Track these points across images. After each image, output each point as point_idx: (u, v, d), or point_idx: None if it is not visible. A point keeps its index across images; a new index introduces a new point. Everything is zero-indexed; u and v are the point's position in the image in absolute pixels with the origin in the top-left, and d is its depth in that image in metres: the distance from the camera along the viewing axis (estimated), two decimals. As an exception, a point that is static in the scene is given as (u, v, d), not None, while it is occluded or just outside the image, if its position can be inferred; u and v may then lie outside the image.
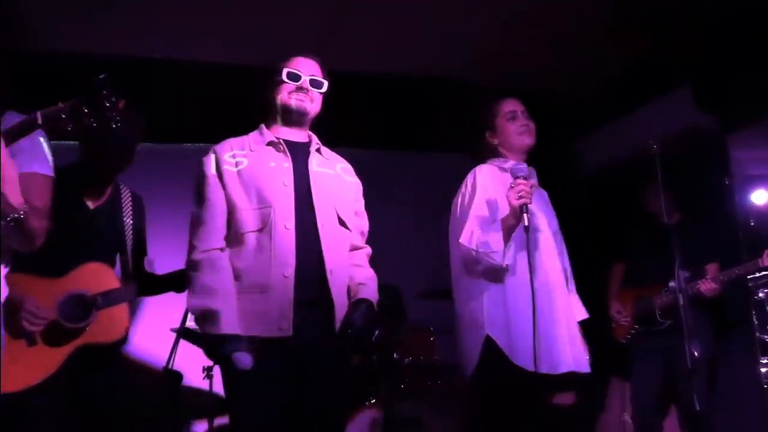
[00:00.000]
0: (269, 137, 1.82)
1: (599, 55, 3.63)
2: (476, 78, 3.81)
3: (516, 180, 1.88)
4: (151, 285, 2.16)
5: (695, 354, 2.18)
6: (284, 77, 1.81)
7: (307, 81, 1.82)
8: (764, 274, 2.92)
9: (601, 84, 3.95)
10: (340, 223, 1.79)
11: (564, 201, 2.36)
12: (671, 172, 2.35)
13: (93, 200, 2.10)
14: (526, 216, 1.82)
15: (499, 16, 3.30)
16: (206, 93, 3.44)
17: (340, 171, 1.89)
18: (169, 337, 2.57)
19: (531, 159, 2.21)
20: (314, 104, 1.85)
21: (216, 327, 1.60)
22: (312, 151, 1.84)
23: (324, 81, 1.85)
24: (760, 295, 3.02)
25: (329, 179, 1.83)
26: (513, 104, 2.19)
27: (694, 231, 2.98)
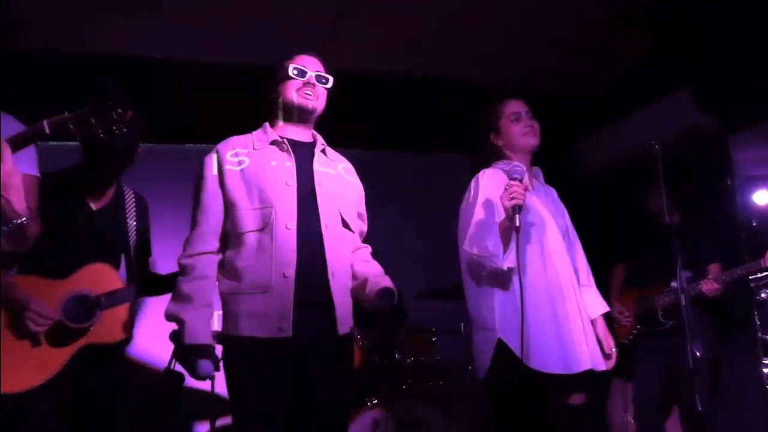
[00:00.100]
0: (273, 136, 1.81)
1: (599, 56, 3.64)
2: (477, 78, 3.81)
3: (510, 182, 1.88)
4: (156, 285, 2.16)
5: (697, 354, 2.17)
6: (290, 73, 1.80)
7: (313, 77, 1.82)
8: (766, 275, 2.92)
9: (602, 84, 3.95)
10: (344, 225, 1.79)
11: (565, 201, 2.35)
12: (673, 173, 2.35)
13: (96, 201, 2.11)
14: (518, 217, 1.81)
15: (499, 16, 3.30)
16: (206, 93, 3.44)
17: (342, 171, 1.88)
18: (171, 338, 2.57)
19: (533, 159, 2.21)
20: (320, 100, 1.85)
21: (182, 336, 1.64)
22: (317, 152, 1.83)
23: (329, 77, 1.85)
24: (762, 296, 3.02)
25: (332, 179, 1.82)
26: (516, 105, 2.18)
27: (696, 231, 2.98)
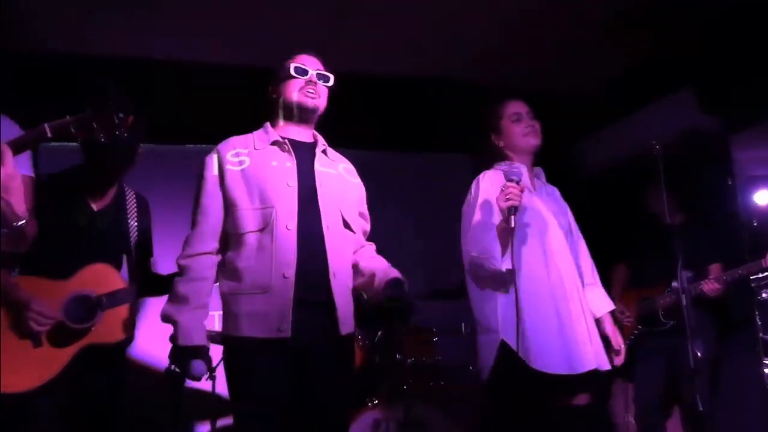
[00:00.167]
0: (274, 136, 1.80)
1: (599, 56, 3.63)
2: (477, 78, 3.81)
3: (507, 183, 1.88)
4: (157, 286, 2.16)
5: (698, 354, 2.17)
6: (292, 72, 1.79)
7: (315, 75, 1.81)
8: (767, 275, 2.91)
9: (602, 84, 3.95)
10: (345, 225, 1.78)
11: (565, 202, 2.34)
12: (674, 173, 2.34)
13: (97, 202, 2.11)
14: (513, 218, 1.81)
15: (499, 16, 3.30)
16: (206, 93, 3.44)
17: (343, 171, 1.88)
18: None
19: (534, 159, 2.21)
20: (322, 99, 1.84)
21: (176, 338, 1.65)
22: (318, 152, 1.83)
23: (330, 75, 1.84)
24: (764, 296, 3.02)
25: (334, 180, 1.82)
26: (517, 106, 2.18)
27: (697, 231, 2.97)
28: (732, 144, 3.37)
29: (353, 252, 1.85)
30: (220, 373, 1.73)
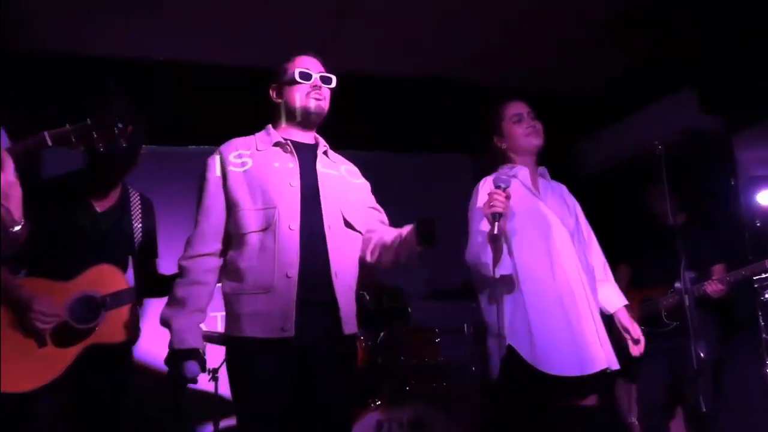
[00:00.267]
0: (276, 138, 1.80)
1: (599, 56, 3.64)
2: (477, 78, 3.81)
3: (494, 189, 1.87)
4: (163, 286, 2.15)
5: (701, 355, 2.17)
6: (297, 78, 1.78)
7: (319, 78, 1.80)
8: (771, 275, 2.90)
9: (602, 84, 3.95)
10: (347, 225, 1.78)
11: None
12: (675, 173, 2.34)
13: (100, 204, 2.10)
14: (497, 225, 1.80)
15: (499, 16, 3.30)
16: (206, 94, 3.43)
17: (345, 173, 1.88)
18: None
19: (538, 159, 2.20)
20: (326, 102, 1.83)
21: (171, 341, 1.66)
22: (319, 153, 1.82)
23: (332, 76, 1.83)
24: (767, 296, 3.00)
25: (335, 181, 1.81)
26: (518, 107, 2.17)
27: (699, 232, 2.96)
28: (735, 144, 3.36)
29: (372, 235, 1.85)
30: (223, 374, 1.73)
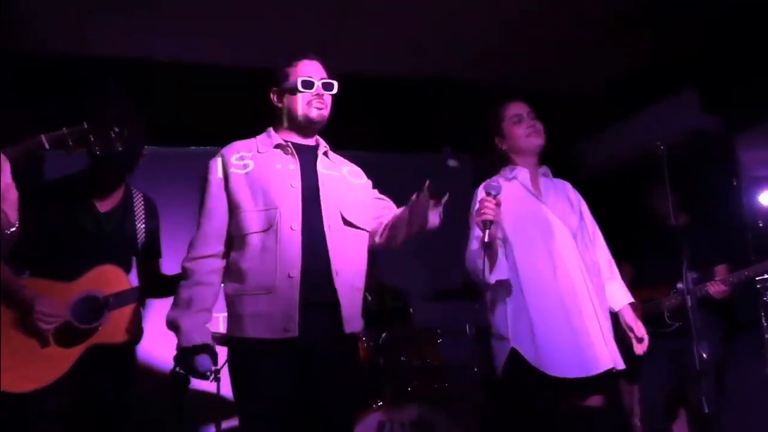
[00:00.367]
0: (277, 140, 1.80)
1: (600, 56, 3.63)
2: (477, 78, 3.81)
3: (484, 197, 1.87)
4: (166, 287, 2.15)
5: (704, 356, 2.16)
6: (300, 87, 1.77)
7: (320, 86, 1.79)
8: (773, 276, 2.89)
9: (602, 84, 3.94)
10: (347, 225, 1.77)
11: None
12: (677, 174, 2.33)
13: (103, 205, 2.10)
14: (488, 232, 1.80)
15: (499, 16, 3.30)
16: (206, 94, 3.43)
17: (347, 174, 1.88)
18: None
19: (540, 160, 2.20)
20: (328, 109, 1.83)
21: (179, 341, 1.66)
22: (320, 155, 1.82)
23: (334, 82, 1.82)
24: (770, 297, 3.00)
25: (336, 181, 1.81)
26: (517, 107, 2.17)
27: (701, 232, 2.95)
28: (736, 145, 3.35)
29: (381, 219, 1.86)
30: (225, 375, 1.72)
